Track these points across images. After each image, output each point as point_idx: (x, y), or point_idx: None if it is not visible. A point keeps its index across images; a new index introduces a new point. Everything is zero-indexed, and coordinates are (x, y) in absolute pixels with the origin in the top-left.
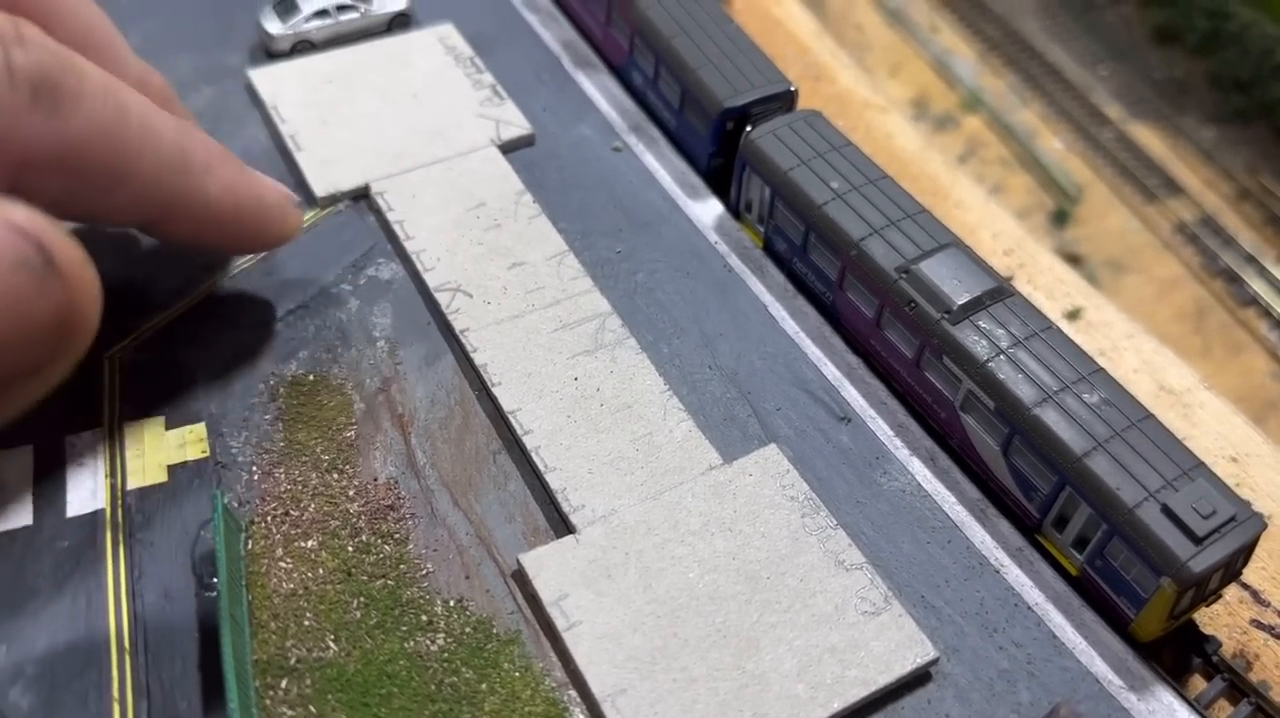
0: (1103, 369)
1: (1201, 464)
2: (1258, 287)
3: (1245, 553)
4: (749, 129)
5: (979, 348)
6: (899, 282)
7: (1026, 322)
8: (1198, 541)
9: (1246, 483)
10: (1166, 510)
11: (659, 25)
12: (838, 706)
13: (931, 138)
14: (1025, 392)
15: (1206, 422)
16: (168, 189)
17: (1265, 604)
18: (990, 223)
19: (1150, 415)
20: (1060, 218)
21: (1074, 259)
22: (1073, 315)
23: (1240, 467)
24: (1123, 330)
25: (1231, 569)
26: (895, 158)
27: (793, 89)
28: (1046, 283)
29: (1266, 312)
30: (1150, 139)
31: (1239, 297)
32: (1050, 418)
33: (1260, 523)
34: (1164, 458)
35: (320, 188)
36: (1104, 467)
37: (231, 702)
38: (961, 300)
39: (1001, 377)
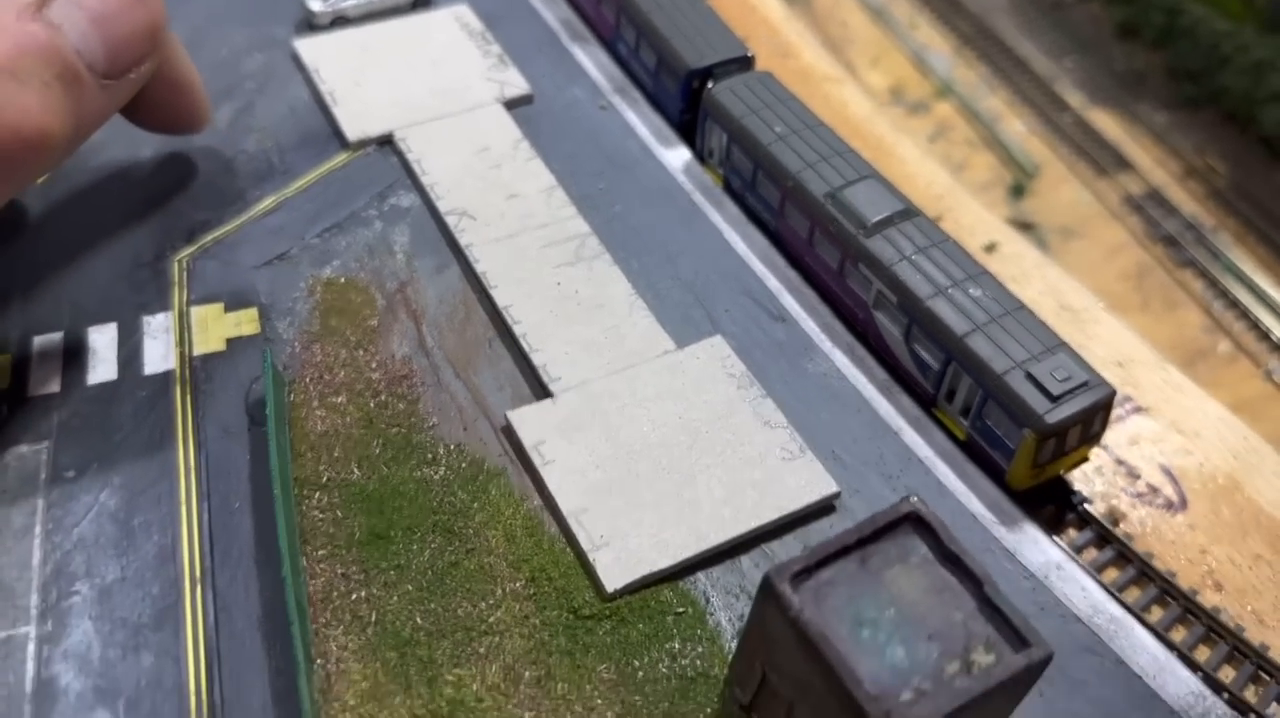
0: (987, 272)
1: (1064, 344)
2: (1195, 252)
3: (1101, 416)
4: (710, 87)
5: (886, 254)
6: (825, 205)
7: (927, 235)
8: (1054, 399)
9: (1130, 382)
10: (1029, 376)
11: (640, 3)
12: (755, 523)
13: (902, 120)
14: (921, 288)
15: (1101, 335)
16: (171, 62)
17: (1136, 477)
18: (926, 174)
19: (1023, 306)
20: (1018, 190)
21: (1027, 226)
22: (990, 248)
23: (1126, 370)
24: (1033, 260)
25: (1089, 430)
26: (847, 121)
27: (750, 55)
28: (969, 222)
29: (1202, 273)
30: (1107, 123)
31: (1177, 259)
32: (939, 307)
33: (1109, 389)
34: (1031, 338)
35: (352, 134)
36: (980, 344)
37: (278, 501)
38: (875, 219)
39: (903, 276)
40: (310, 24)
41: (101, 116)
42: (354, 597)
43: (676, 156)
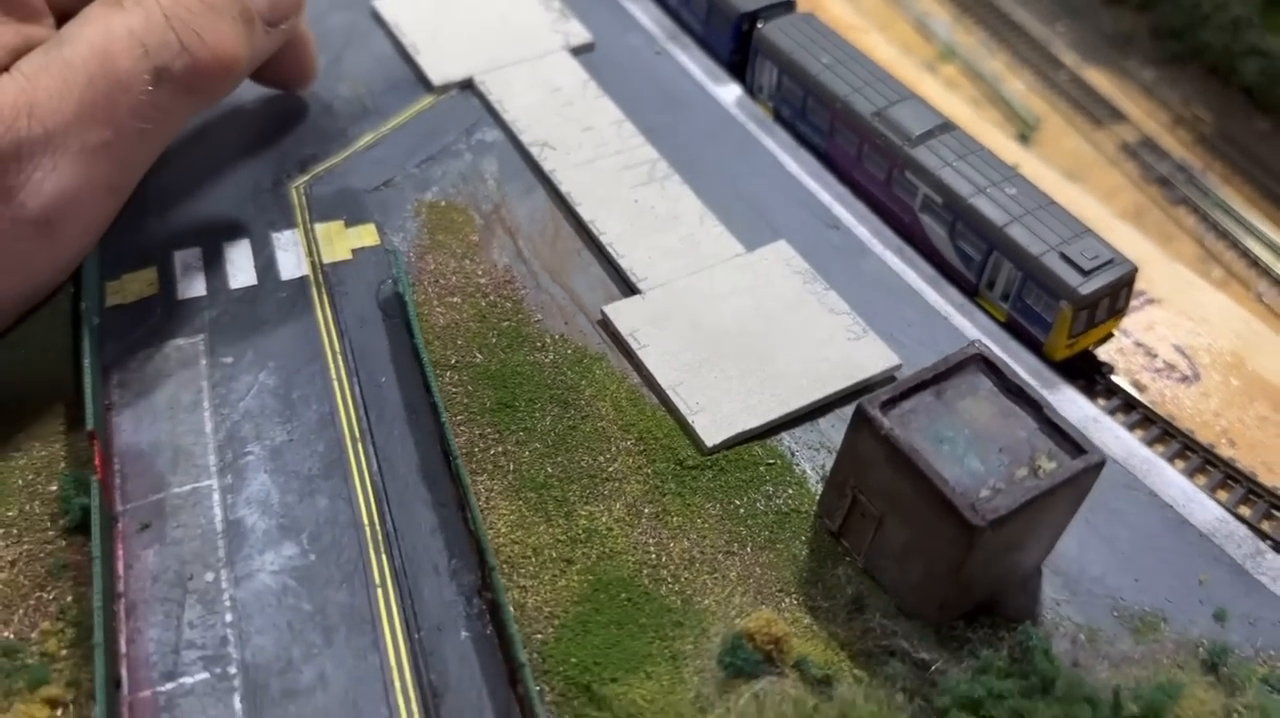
0: (1020, 174)
1: (1090, 230)
2: (1187, 191)
3: (1125, 290)
4: (760, 26)
5: (931, 161)
6: (873, 122)
7: (965, 144)
8: (1085, 273)
9: (1144, 279)
10: (1063, 256)
11: None
12: (830, 390)
13: (933, 80)
14: (963, 188)
15: (1115, 240)
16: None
17: (1154, 355)
18: (950, 109)
19: (1052, 201)
20: (1023, 141)
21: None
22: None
23: (1139, 268)
24: (1051, 180)
25: (1115, 304)
26: (877, 63)
27: None
28: (992, 147)
29: (1194, 209)
30: (1100, 79)
31: (1170, 198)
32: (981, 203)
33: (1132, 266)
34: (1062, 226)
35: (436, 79)
36: (1018, 232)
37: (428, 376)
38: (919, 132)
39: (947, 179)
40: None
41: (260, 59)
42: (492, 452)
43: (728, 93)
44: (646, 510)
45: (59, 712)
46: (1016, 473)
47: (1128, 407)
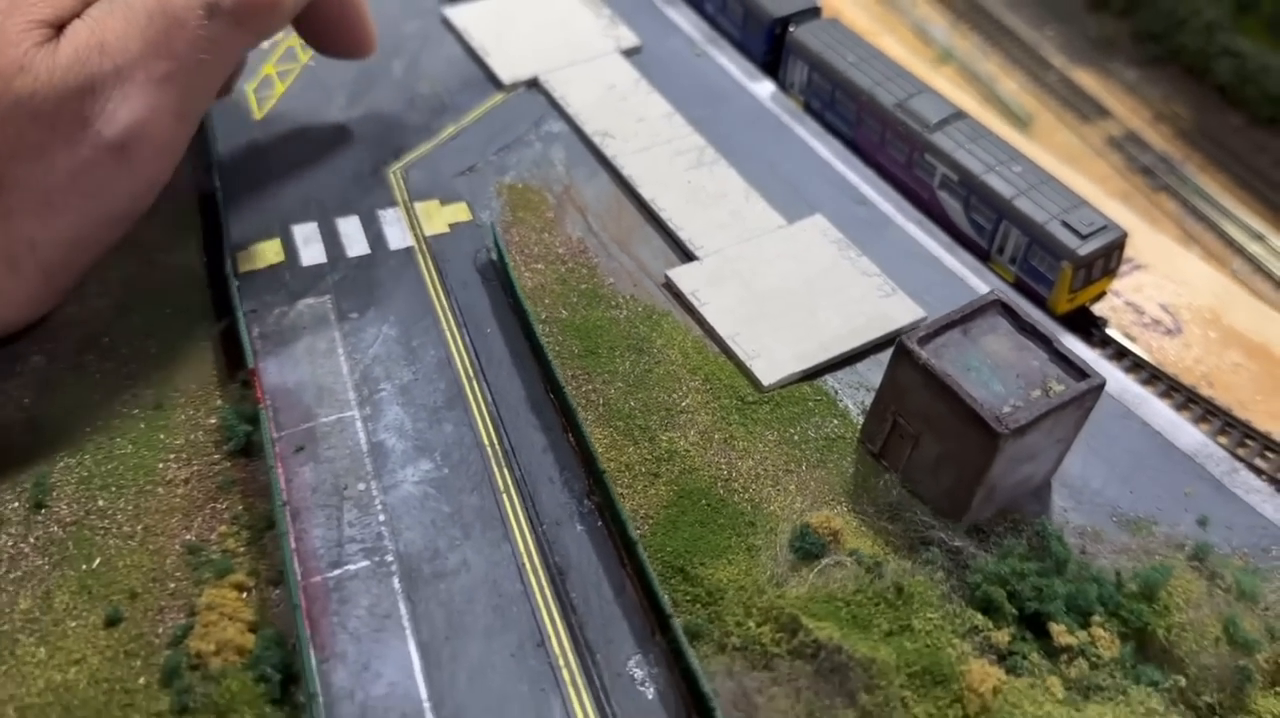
0: (1024, 155)
1: (1085, 202)
2: (1169, 179)
3: (1117, 253)
4: (791, 29)
5: (947, 144)
6: (895, 112)
7: (975, 130)
8: (1083, 237)
9: (1131, 247)
10: (1064, 223)
11: None
12: (867, 338)
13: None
14: (976, 166)
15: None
16: None
17: (1142, 312)
18: (958, 100)
19: (1052, 177)
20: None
21: None
22: None
23: (1128, 237)
24: (1047, 162)
25: (1108, 264)
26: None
27: (818, 5)
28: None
29: (1175, 195)
30: (1086, 79)
31: (1153, 186)
32: (992, 180)
33: (1122, 231)
34: (1061, 198)
35: (506, 77)
36: (1025, 204)
37: (530, 314)
38: (936, 119)
39: (962, 159)
40: None
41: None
42: (583, 389)
43: (763, 89)
44: (716, 437)
45: (244, 594)
46: (1032, 394)
47: (1120, 355)
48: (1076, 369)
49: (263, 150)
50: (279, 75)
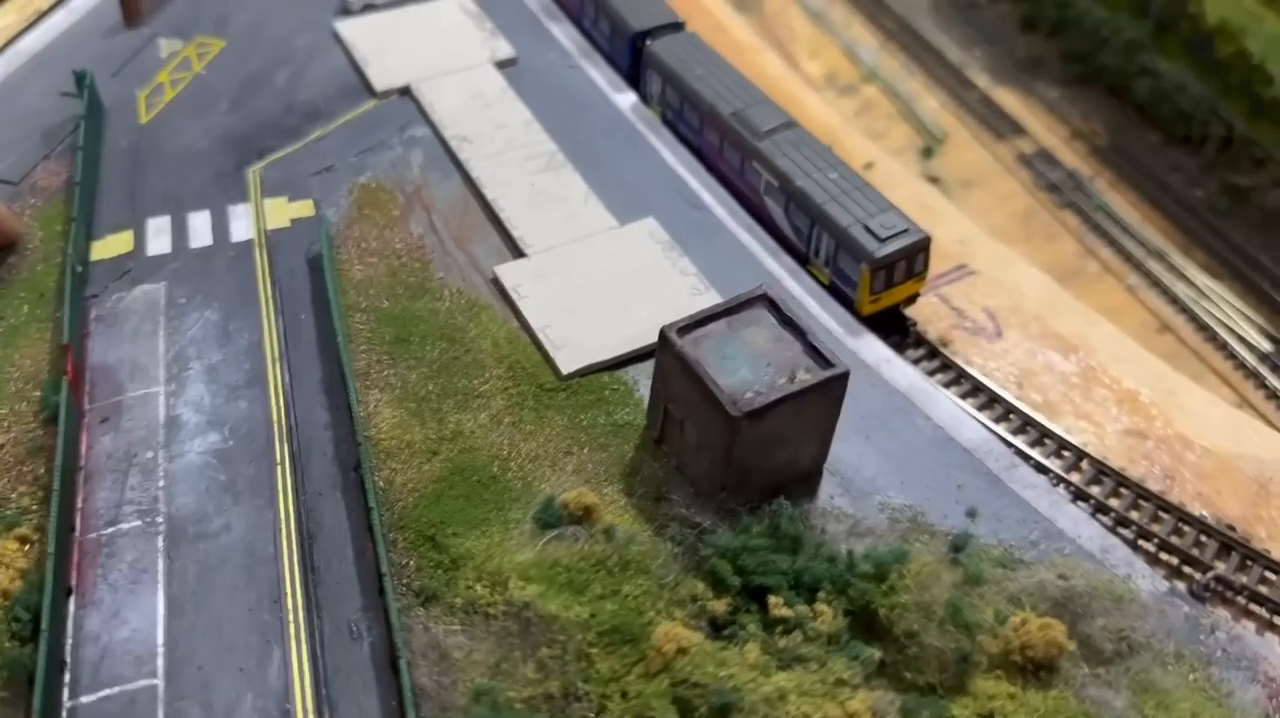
0: (844, 163)
1: (894, 207)
2: (1074, 196)
3: (921, 255)
4: (649, 43)
5: (772, 152)
6: (730, 121)
7: (803, 139)
8: (880, 240)
9: (967, 254)
10: (865, 227)
11: None
12: None
13: (834, 99)
14: (795, 173)
15: (948, 223)
16: None
17: (965, 316)
18: (823, 117)
19: (868, 184)
20: (928, 152)
21: (934, 179)
22: (868, 166)
23: (964, 245)
24: (901, 175)
25: (912, 267)
26: (767, 80)
27: (680, 21)
28: (851, 149)
29: (1078, 211)
30: (1008, 99)
31: (1058, 202)
32: (808, 185)
33: (925, 234)
34: (870, 204)
35: (379, 85)
36: (833, 208)
37: (334, 309)
38: (766, 128)
39: (782, 166)
40: (346, 10)
41: None
42: (385, 373)
43: (625, 100)
44: (506, 420)
45: (25, 547)
46: (778, 381)
47: (931, 356)
48: (825, 359)
49: (140, 150)
50: (171, 83)
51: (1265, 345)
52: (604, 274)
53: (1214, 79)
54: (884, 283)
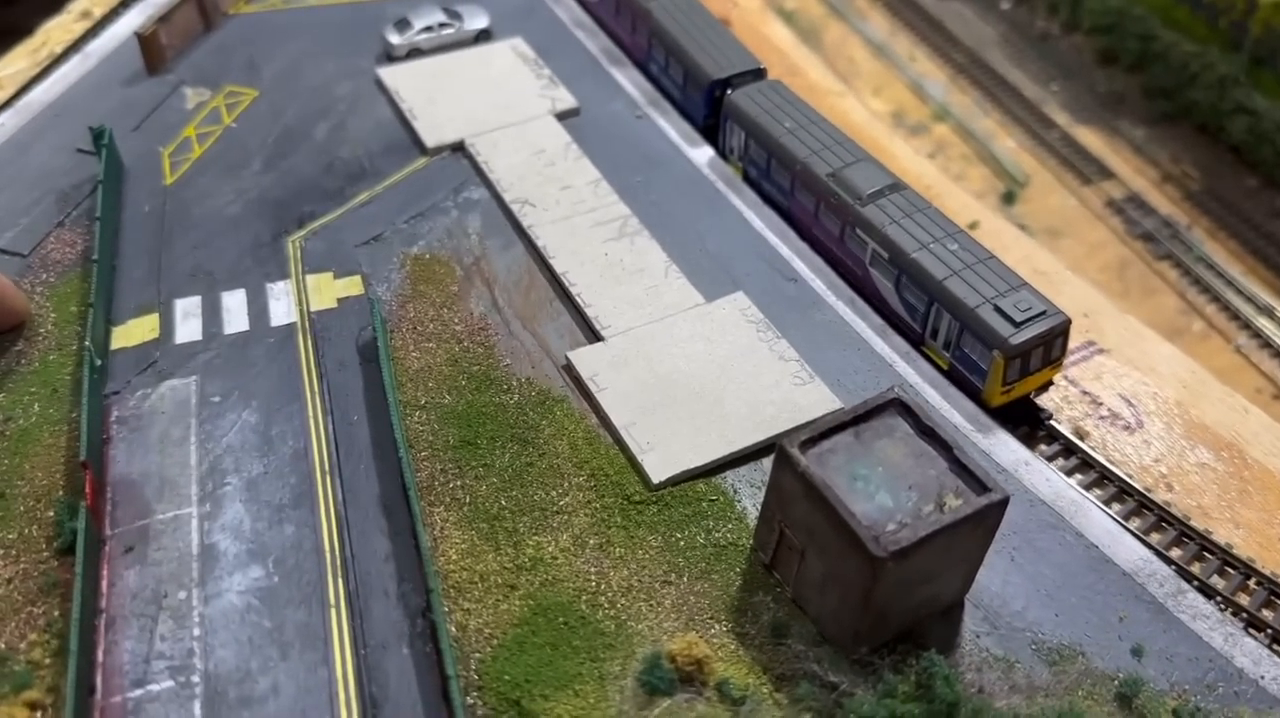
0: (963, 230)
1: (1026, 283)
2: (1172, 246)
3: (1060, 340)
4: (729, 93)
5: (879, 219)
6: (828, 182)
7: (913, 203)
8: (1017, 324)
9: (1095, 329)
10: (997, 309)
11: (668, 29)
12: (774, 432)
13: (904, 140)
14: (908, 243)
15: (1068, 292)
16: None
17: (1099, 403)
18: (916, 168)
19: (993, 256)
20: (1009, 198)
21: (1019, 228)
22: (973, 226)
23: (1090, 319)
24: (1011, 235)
25: (1050, 353)
26: (850, 126)
27: (762, 67)
28: (955, 206)
29: (1177, 264)
30: (1090, 138)
31: (1154, 253)
32: (924, 258)
33: (1065, 317)
34: (999, 279)
35: (430, 141)
36: (957, 285)
37: (393, 415)
38: (869, 191)
39: (893, 235)
40: (389, 55)
41: None
42: (451, 485)
43: (702, 155)
44: (591, 542)
45: (38, 714)
46: (924, 509)
47: (1068, 451)
48: (977, 481)
49: (165, 218)
50: (198, 138)
51: None
52: (692, 360)
53: None
54: (1019, 372)
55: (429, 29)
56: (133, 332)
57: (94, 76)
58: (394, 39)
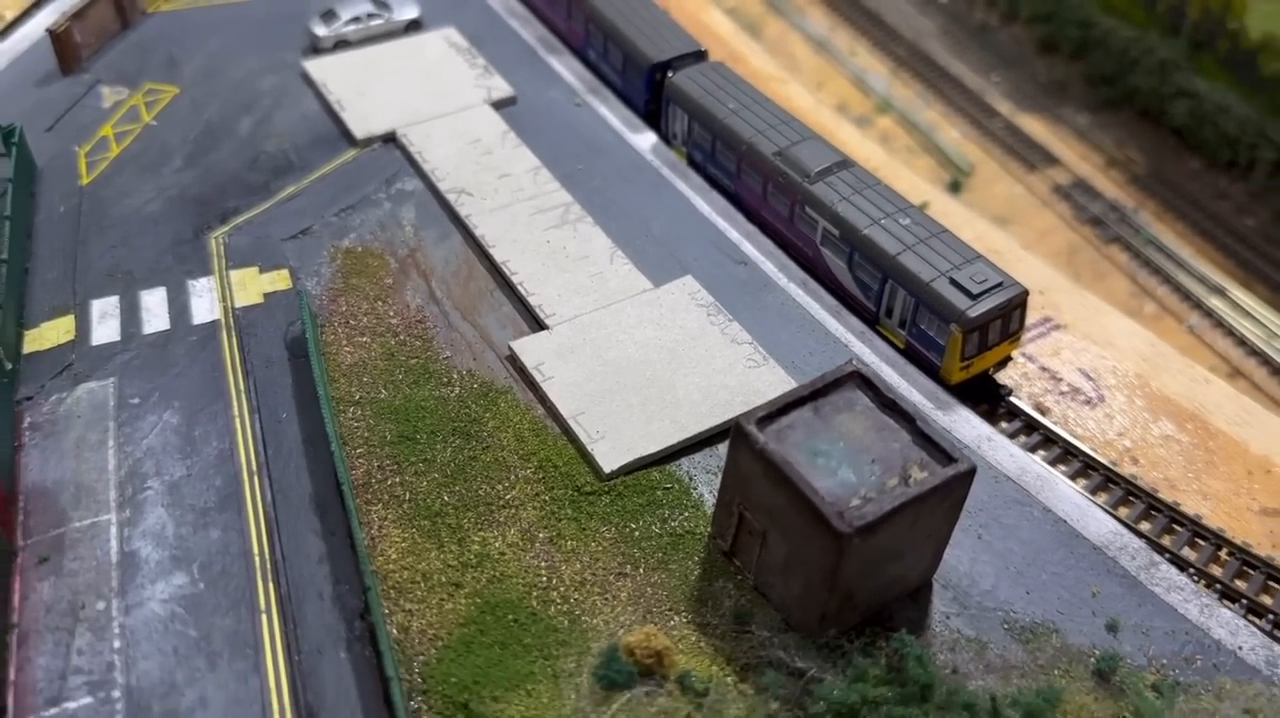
0: (913, 205)
1: (981, 256)
2: (1120, 229)
3: (1018, 313)
4: (670, 75)
5: (829, 196)
6: (775, 161)
7: (862, 179)
8: (974, 297)
9: (1051, 305)
10: (953, 281)
11: (606, 13)
12: (728, 416)
13: (852, 126)
14: (859, 219)
15: (1023, 270)
16: None
17: (1059, 379)
18: (865, 151)
19: (945, 230)
20: (955, 187)
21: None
22: (923, 206)
23: (1046, 296)
24: (961, 215)
25: (1008, 326)
26: (794, 111)
27: (703, 49)
28: (903, 187)
29: (1127, 247)
30: (1034, 126)
31: (1103, 237)
32: (876, 234)
33: (1022, 288)
34: (953, 253)
35: (359, 133)
36: (910, 260)
37: (325, 410)
38: (817, 169)
39: (843, 212)
40: (315, 48)
41: None
42: (389, 482)
43: (644, 140)
44: (541, 535)
45: None
46: (888, 483)
47: (1029, 428)
48: (942, 452)
49: (81, 217)
50: (116, 137)
51: None
52: (642, 346)
53: (1259, 98)
54: (977, 346)
55: (356, 20)
56: (46, 335)
57: (5, 77)
58: (320, 31)
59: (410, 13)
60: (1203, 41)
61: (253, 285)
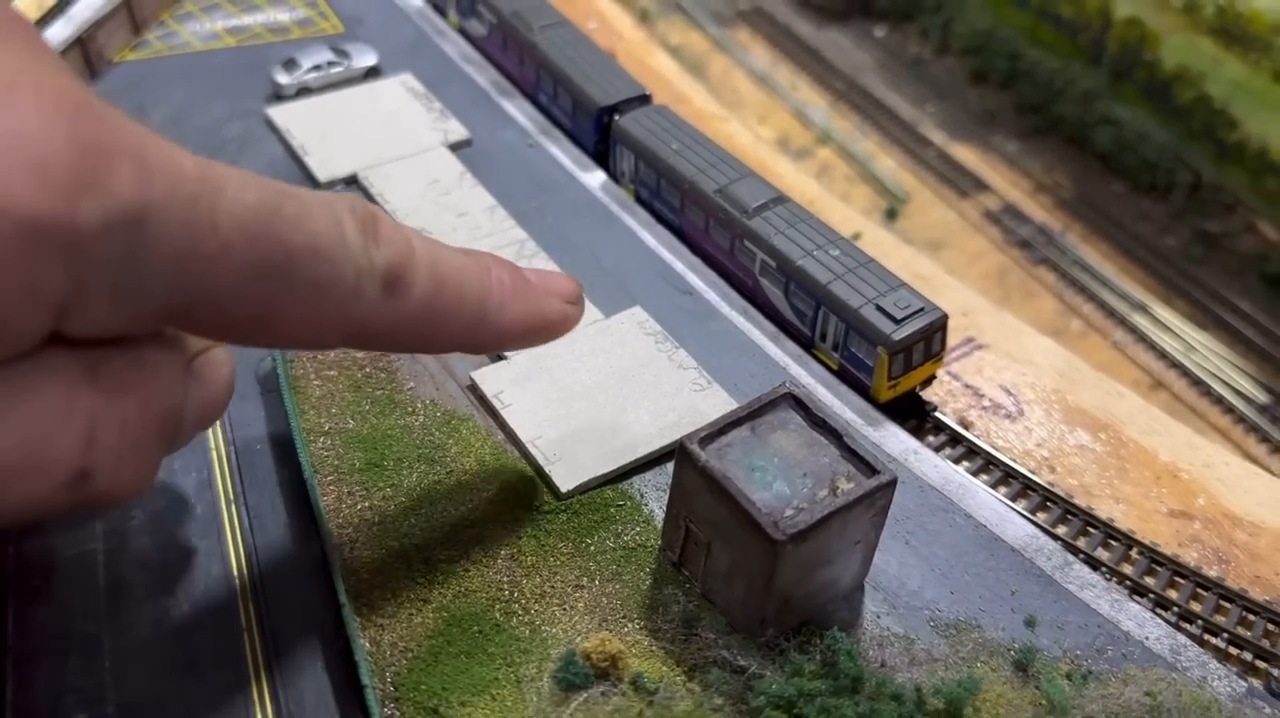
0: (844, 237)
1: (904, 284)
2: (1047, 252)
3: (939, 335)
4: (617, 118)
5: (765, 230)
6: (715, 198)
7: (796, 214)
8: (897, 321)
9: (974, 327)
10: (878, 307)
11: (555, 60)
12: (676, 436)
13: (789, 165)
14: (793, 251)
15: (948, 294)
16: (465, 337)
17: (981, 395)
18: (799, 186)
19: (872, 260)
20: (891, 214)
21: (903, 241)
22: (855, 237)
23: (969, 318)
24: (891, 244)
25: (930, 348)
26: (735, 149)
27: (647, 93)
28: (836, 219)
29: (1054, 268)
30: (966, 154)
31: (1032, 259)
32: (809, 264)
33: (942, 313)
34: (879, 281)
35: (322, 176)
36: (840, 288)
37: (297, 440)
38: (755, 204)
39: (779, 245)
40: (278, 95)
41: None
42: (359, 507)
43: (594, 179)
44: (503, 552)
45: None
46: (819, 494)
47: (954, 441)
48: (867, 465)
49: None
50: None
51: (1262, 397)
52: (595, 373)
53: (1176, 125)
54: (903, 367)
55: (317, 68)
56: None
57: None
58: (282, 79)
59: (369, 60)
60: (1122, 72)
61: None
